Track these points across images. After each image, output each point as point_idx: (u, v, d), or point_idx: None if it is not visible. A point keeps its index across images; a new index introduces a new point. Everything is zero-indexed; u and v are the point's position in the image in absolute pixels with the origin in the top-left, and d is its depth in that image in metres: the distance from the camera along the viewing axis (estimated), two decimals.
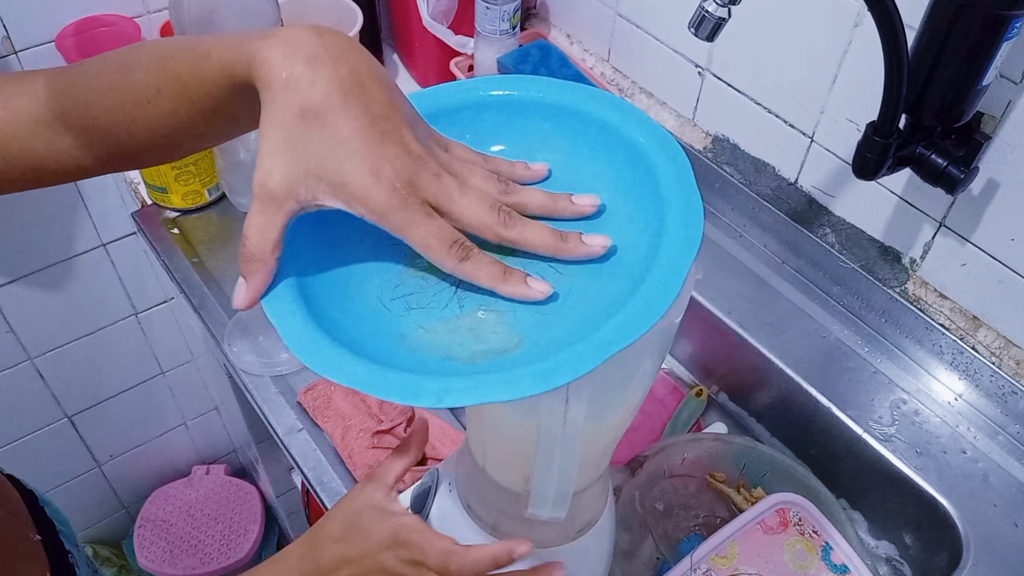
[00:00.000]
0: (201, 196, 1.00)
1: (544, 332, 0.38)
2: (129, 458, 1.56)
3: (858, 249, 0.91)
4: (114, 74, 0.45)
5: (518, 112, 0.47)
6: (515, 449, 0.48)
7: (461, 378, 0.36)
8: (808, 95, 0.88)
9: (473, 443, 0.53)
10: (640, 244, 0.41)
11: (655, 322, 0.36)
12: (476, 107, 0.47)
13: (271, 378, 0.85)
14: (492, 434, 0.50)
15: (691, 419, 0.95)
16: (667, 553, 0.76)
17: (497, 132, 0.47)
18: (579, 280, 0.41)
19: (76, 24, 0.99)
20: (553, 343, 0.37)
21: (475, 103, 0.47)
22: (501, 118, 0.47)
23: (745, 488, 0.81)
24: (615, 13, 1.07)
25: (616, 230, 0.42)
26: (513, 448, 0.49)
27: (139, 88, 0.43)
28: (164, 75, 0.42)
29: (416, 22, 1.11)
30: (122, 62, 0.45)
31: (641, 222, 0.42)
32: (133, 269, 1.29)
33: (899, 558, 0.83)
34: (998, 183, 0.75)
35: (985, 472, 0.80)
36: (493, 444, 0.50)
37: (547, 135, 0.47)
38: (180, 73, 0.42)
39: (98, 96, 0.45)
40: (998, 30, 0.63)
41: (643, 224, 0.42)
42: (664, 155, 0.43)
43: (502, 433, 0.49)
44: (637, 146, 0.44)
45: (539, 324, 0.39)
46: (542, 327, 0.39)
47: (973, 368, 0.84)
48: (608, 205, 0.44)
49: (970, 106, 0.69)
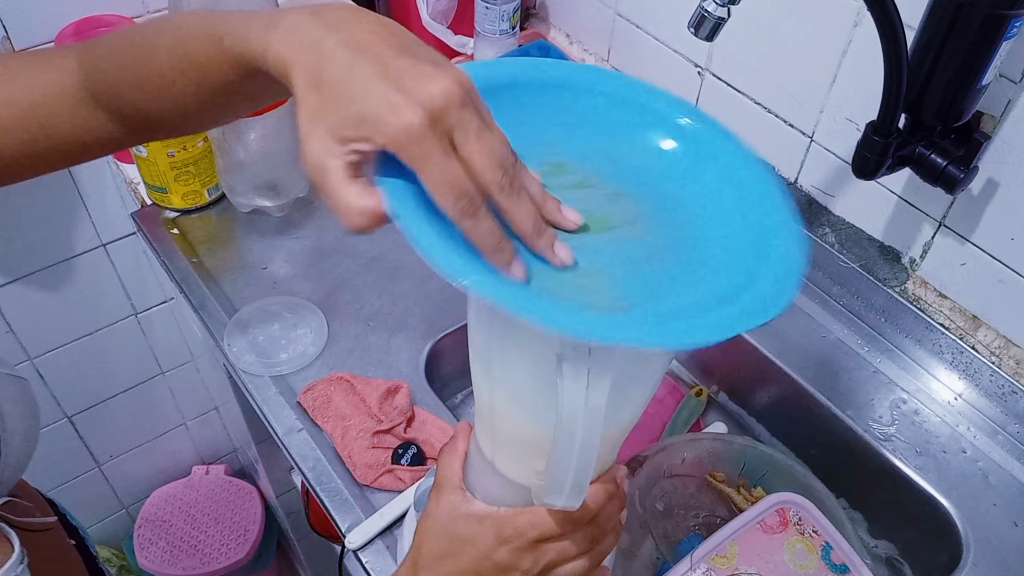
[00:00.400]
0: (201, 196, 1.00)
1: (651, 299, 0.39)
2: (129, 458, 1.56)
3: (858, 249, 0.91)
4: (138, 53, 0.47)
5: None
6: (529, 445, 0.48)
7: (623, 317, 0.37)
8: (808, 95, 0.88)
9: (481, 438, 0.52)
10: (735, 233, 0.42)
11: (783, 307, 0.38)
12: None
13: (271, 378, 0.85)
14: (504, 428, 0.50)
15: (691, 419, 0.95)
16: (667, 553, 0.76)
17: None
18: (662, 241, 0.42)
19: (75, 24, 0.99)
20: (669, 309, 0.39)
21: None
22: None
23: (745, 488, 0.81)
24: (615, 13, 1.07)
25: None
26: (527, 444, 0.48)
27: (164, 71, 0.45)
28: (186, 60, 0.44)
29: (416, 22, 1.11)
30: (143, 42, 0.47)
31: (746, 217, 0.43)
32: (133, 269, 1.29)
33: (899, 558, 0.83)
34: (998, 182, 0.75)
35: (985, 471, 0.80)
36: (504, 439, 0.50)
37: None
38: (199, 58, 0.44)
39: (127, 74, 0.48)
40: (997, 30, 0.63)
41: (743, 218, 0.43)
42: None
43: (516, 431, 0.49)
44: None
45: (643, 287, 0.40)
46: (645, 291, 0.40)
47: (973, 368, 0.84)
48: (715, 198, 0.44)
49: (970, 106, 0.69)
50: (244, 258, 0.96)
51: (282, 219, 1.01)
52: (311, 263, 0.96)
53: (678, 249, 0.42)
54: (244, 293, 0.92)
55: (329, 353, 0.87)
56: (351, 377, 0.83)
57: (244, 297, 0.92)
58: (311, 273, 0.95)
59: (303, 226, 1.00)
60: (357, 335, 0.89)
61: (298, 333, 0.88)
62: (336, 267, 0.96)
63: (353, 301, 0.92)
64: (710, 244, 0.42)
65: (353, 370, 0.85)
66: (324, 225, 1.00)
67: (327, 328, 0.89)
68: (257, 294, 0.92)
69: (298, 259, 0.97)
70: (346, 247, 0.98)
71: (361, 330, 0.89)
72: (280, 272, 0.95)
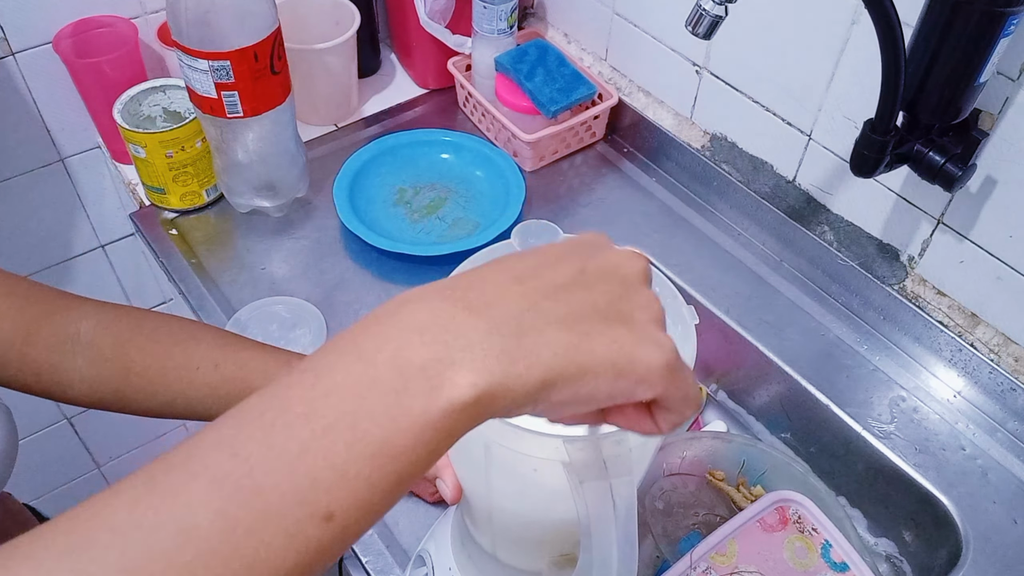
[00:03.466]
0: (199, 197, 1.00)
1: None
2: (129, 459, 1.56)
3: (856, 247, 0.91)
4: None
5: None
6: (539, 541, 0.46)
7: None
8: (806, 93, 0.88)
9: (477, 533, 0.50)
10: None
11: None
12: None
13: None
14: (507, 527, 0.47)
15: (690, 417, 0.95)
16: (667, 551, 0.76)
17: None
18: None
19: (73, 25, 0.99)
20: None
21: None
22: None
23: (744, 486, 0.81)
24: (612, 12, 1.07)
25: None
26: (536, 541, 0.46)
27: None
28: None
29: (413, 22, 1.11)
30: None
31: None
32: (132, 270, 1.29)
33: (898, 555, 0.83)
34: (996, 180, 0.75)
35: (984, 469, 0.80)
36: (508, 538, 0.48)
37: None
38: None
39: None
40: (995, 27, 0.63)
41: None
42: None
43: (524, 532, 0.47)
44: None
45: None
46: None
47: (972, 365, 0.84)
48: None
49: (967, 103, 0.69)
50: (243, 259, 0.96)
51: (280, 220, 1.01)
52: (309, 263, 0.96)
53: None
54: (243, 293, 0.92)
55: None
56: None
57: (243, 297, 0.92)
58: (309, 273, 0.95)
59: (301, 226, 1.00)
60: None
61: (297, 333, 0.88)
62: (334, 267, 0.96)
63: (352, 301, 0.92)
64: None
65: None
66: (322, 225, 1.01)
67: (326, 328, 0.89)
68: (256, 294, 0.92)
69: (296, 259, 0.97)
70: (344, 247, 0.98)
71: None
72: (279, 272, 0.95)
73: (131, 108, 0.95)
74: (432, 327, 0.30)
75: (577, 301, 0.32)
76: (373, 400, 0.29)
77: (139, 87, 0.96)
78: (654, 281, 0.38)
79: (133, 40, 1.00)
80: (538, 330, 0.30)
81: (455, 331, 0.29)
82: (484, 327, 0.30)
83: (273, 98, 0.89)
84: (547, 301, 0.31)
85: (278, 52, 0.86)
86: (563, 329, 0.31)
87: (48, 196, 1.13)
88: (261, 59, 0.84)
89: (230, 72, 0.83)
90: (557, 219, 0.98)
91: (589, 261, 0.33)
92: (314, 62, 1.06)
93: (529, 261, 0.33)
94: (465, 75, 1.15)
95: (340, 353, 0.30)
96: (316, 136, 1.12)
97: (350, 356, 0.30)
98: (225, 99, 0.86)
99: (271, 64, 0.86)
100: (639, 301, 0.33)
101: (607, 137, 1.14)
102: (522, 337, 0.30)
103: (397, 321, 0.30)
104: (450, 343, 0.29)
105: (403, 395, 0.29)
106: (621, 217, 1.03)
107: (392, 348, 0.29)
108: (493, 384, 0.29)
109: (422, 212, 1.02)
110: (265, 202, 0.99)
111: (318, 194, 1.04)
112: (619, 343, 0.31)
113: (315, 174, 1.05)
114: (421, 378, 0.29)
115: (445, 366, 0.29)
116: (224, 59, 0.82)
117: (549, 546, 0.44)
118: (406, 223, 1.01)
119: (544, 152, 1.09)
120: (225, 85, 0.84)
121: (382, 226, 1.00)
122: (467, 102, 1.15)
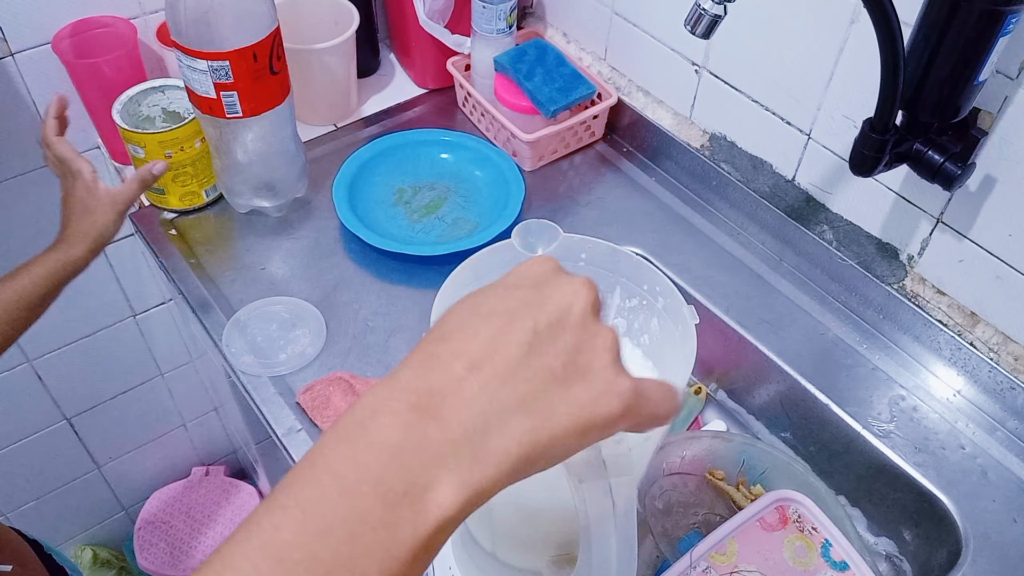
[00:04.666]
0: (199, 197, 1.00)
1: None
2: (128, 460, 1.56)
3: (856, 246, 0.91)
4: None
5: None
6: (539, 539, 0.46)
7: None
8: (805, 92, 0.88)
9: (477, 531, 0.50)
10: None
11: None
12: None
13: (269, 378, 0.85)
14: (507, 524, 0.47)
15: (690, 417, 0.95)
16: (667, 551, 0.76)
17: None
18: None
19: (72, 25, 0.99)
20: None
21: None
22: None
23: (744, 485, 0.81)
24: (612, 11, 1.07)
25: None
26: (537, 539, 0.46)
27: None
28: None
29: (413, 22, 1.11)
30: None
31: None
32: (131, 270, 1.29)
33: (898, 554, 0.83)
34: (995, 179, 0.75)
35: (984, 468, 0.80)
36: (508, 536, 0.48)
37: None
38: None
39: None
40: (994, 26, 0.63)
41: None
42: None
43: (524, 530, 0.46)
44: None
45: None
46: None
47: (971, 364, 0.84)
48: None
49: (966, 102, 0.69)
50: (242, 259, 0.96)
51: (280, 220, 1.01)
52: (309, 263, 0.96)
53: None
54: (242, 294, 0.92)
55: (328, 353, 0.87)
56: (350, 377, 0.83)
57: (242, 298, 0.92)
58: (309, 273, 0.95)
59: (301, 227, 1.00)
60: (355, 335, 0.89)
61: (296, 333, 0.88)
62: (334, 267, 0.96)
63: (352, 301, 0.92)
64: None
65: (352, 370, 0.85)
66: (322, 226, 1.01)
67: (325, 328, 0.89)
68: (255, 294, 0.92)
69: (296, 259, 0.97)
70: (343, 247, 0.98)
71: (359, 330, 0.89)
72: (278, 272, 0.95)
73: (130, 108, 0.95)
74: (405, 447, 0.31)
75: (533, 374, 0.32)
76: (367, 538, 0.29)
77: (138, 87, 0.96)
78: (655, 277, 0.38)
79: (132, 40, 1.00)
80: (503, 423, 0.31)
81: (427, 449, 0.30)
82: (452, 437, 0.31)
83: (272, 98, 0.89)
84: (505, 387, 0.32)
85: (277, 52, 0.86)
86: (524, 414, 0.32)
87: (47, 197, 1.13)
88: (260, 59, 0.84)
89: (229, 72, 0.83)
90: (557, 219, 0.98)
91: (540, 314, 0.34)
92: (313, 62, 1.06)
93: (483, 335, 0.33)
94: (464, 75, 1.15)
95: (319, 484, 0.30)
96: (315, 136, 1.12)
97: (332, 489, 0.30)
98: (224, 99, 0.86)
99: (270, 64, 0.86)
100: (593, 344, 0.34)
101: (606, 137, 1.14)
102: (488, 437, 0.31)
103: (370, 443, 0.31)
104: (426, 463, 0.30)
105: (393, 528, 0.30)
106: (620, 217, 1.03)
107: (372, 478, 0.30)
108: (471, 491, 0.31)
109: (421, 212, 1.02)
110: (264, 202, 0.99)
111: (317, 194, 1.04)
112: (579, 406, 0.32)
113: (314, 174, 1.05)
114: (405, 505, 0.30)
115: (425, 489, 0.30)
116: (223, 59, 0.82)
117: (549, 542, 0.44)
118: (405, 223, 1.01)
119: (543, 152, 1.09)
120: (224, 85, 0.84)
121: (381, 226, 1.00)
122: (466, 102, 1.15)
